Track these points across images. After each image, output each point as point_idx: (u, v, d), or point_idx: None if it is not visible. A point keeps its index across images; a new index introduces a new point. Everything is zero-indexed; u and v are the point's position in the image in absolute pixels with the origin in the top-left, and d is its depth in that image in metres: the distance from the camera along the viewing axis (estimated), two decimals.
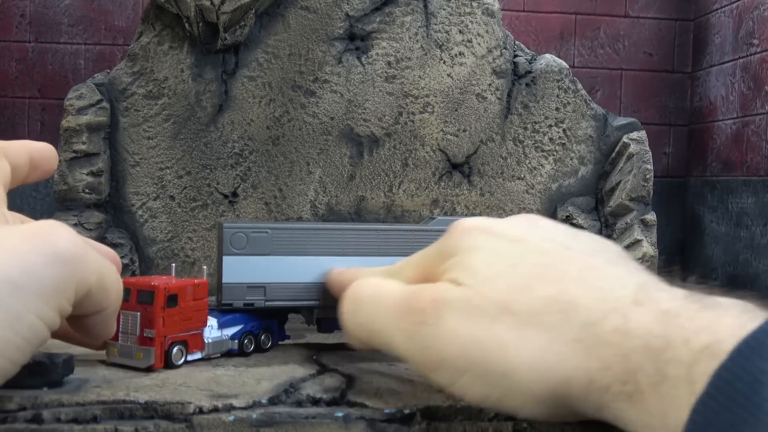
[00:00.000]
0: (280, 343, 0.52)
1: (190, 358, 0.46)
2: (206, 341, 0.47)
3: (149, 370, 0.43)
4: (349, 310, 0.39)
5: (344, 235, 0.51)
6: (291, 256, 0.50)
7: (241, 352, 0.48)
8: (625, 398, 0.28)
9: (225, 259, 0.49)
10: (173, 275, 0.48)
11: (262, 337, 0.50)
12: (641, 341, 0.28)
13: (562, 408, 0.31)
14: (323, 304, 0.50)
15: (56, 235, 0.32)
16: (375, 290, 0.38)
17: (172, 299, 0.44)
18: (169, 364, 0.44)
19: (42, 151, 0.40)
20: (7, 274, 0.30)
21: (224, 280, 0.49)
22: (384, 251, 0.51)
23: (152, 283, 0.43)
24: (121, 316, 0.42)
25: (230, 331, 0.48)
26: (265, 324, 0.50)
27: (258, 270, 0.49)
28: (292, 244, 0.50)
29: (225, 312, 0.49)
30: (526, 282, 0.33)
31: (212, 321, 0.47)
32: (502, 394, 0.32)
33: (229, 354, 0.48)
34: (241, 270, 0.49)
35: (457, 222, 0.37)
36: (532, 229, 0.36)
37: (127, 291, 0.42)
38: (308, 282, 0.50)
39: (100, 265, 0.35)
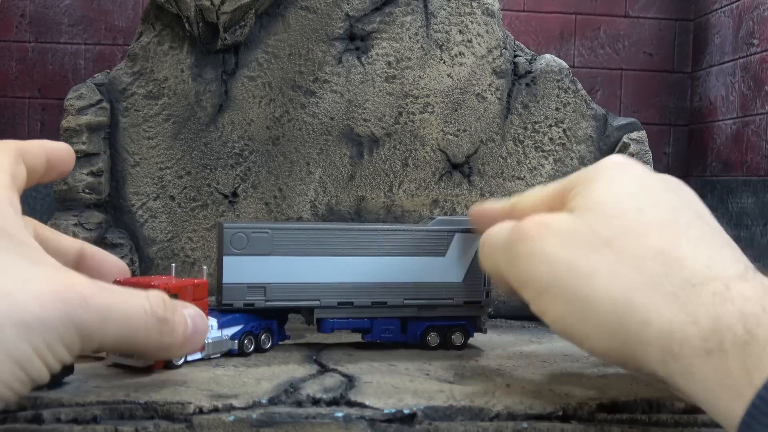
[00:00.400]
0: (279, 343, 0.52)
1: (190, 358, 0.46)
2: (206, 341, 0.47)
3: (149, 370, 0.44)
4: (482, 253, 0.42)
5: (344, 235, 0.51)
6: (291, 257, 0.50)
7: (241, 352, 0.48)
8: (703, 353, 0.29)
9: (225, 259, 0.49)
10: (173, 275, 0.48)
11: (263, 337, 0.50)
12: (736, 307, 0.29)
13: (627, 349, 0.32)
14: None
15: (78, 296, 0.33)
16: (497, 228, 0.41)
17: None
18: (169, 365, 0.44)
19: (59, 152, 0.41)
20: (24, 318, 0.31)
21: (224, 280, 0.49)
22: (384, 251, 0.51)
23: (152, 283, 0.43)
24: None
25: (230, 331, 0.48)
26: (265, 324, 0.50)
27: (258, 270, 0.49)
28: (293, 245, 0.50)
29: (225, 312, 0.49)
30: (643, 229, 0.34)
31: (212, 321, 0.47)
32: (577, 319, 0.34)
33: (229, 354, 0.48)
34: (242, 270, 0.49)
35: (606, 157, 0.39)
36: (679, 188, 0.37)
37: None
38: (308, 282, 0.50)
39: (122, 330, 0.35)
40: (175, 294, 0.44)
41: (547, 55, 0.71)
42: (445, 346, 0.53)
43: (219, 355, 0.48)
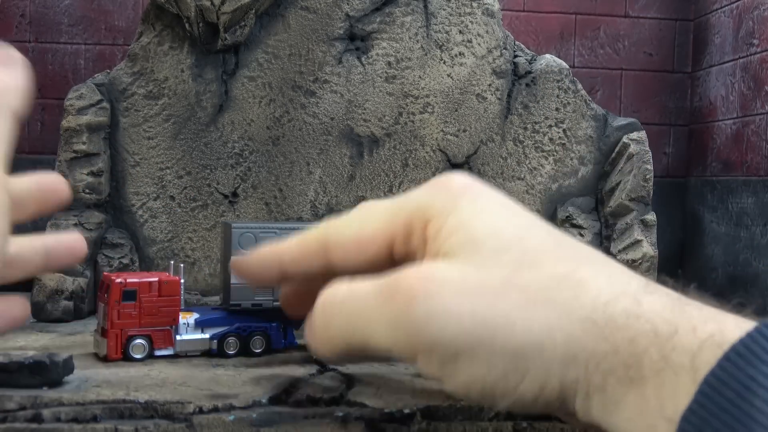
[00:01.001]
0: (286, 347, 0.51)
1: (158, 353, 0.46)
2: (177, 338, 0.47)
3: (106, 359, 0.45)
4: (320, 324, 0.34)
5: None
6: None
7: (221, 354, 0.48)
8: (626, 382, 0.27)
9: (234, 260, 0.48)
10: (170, 273, 0.48)
11: (254, 339, 0.49)
12: (650, 326, 0.28)
13: (554, 391, 0.30)
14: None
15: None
16: (346, 291, 0.33)
17: (129, 294, 0.45)
18: (127, 357, 0.45)
19: (52, 184, 0.37)
20: None
21: (233, 280, 0.49)
22: None
23: (111, 278, 0.44)
24: (99, 309, 0.46)
25: (212, 331, 0.48)
26: (258, 327, 0.49)
27: None
28: None
29: (211, 311, 0.49)
30: (534, 258, 0.31)
31: (190, 319, 0.47)
32: (501, 375, 0.30)
33: (209, 354, 0.48)
34: None
35: (444, 177, 0.34)
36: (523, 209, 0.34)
37: (102, 285, 0.45)
38: None
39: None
40: (133, 290, 0.44)
41: (547, 56, 0.71)
42: None
43: (199, 353, 0.48)
